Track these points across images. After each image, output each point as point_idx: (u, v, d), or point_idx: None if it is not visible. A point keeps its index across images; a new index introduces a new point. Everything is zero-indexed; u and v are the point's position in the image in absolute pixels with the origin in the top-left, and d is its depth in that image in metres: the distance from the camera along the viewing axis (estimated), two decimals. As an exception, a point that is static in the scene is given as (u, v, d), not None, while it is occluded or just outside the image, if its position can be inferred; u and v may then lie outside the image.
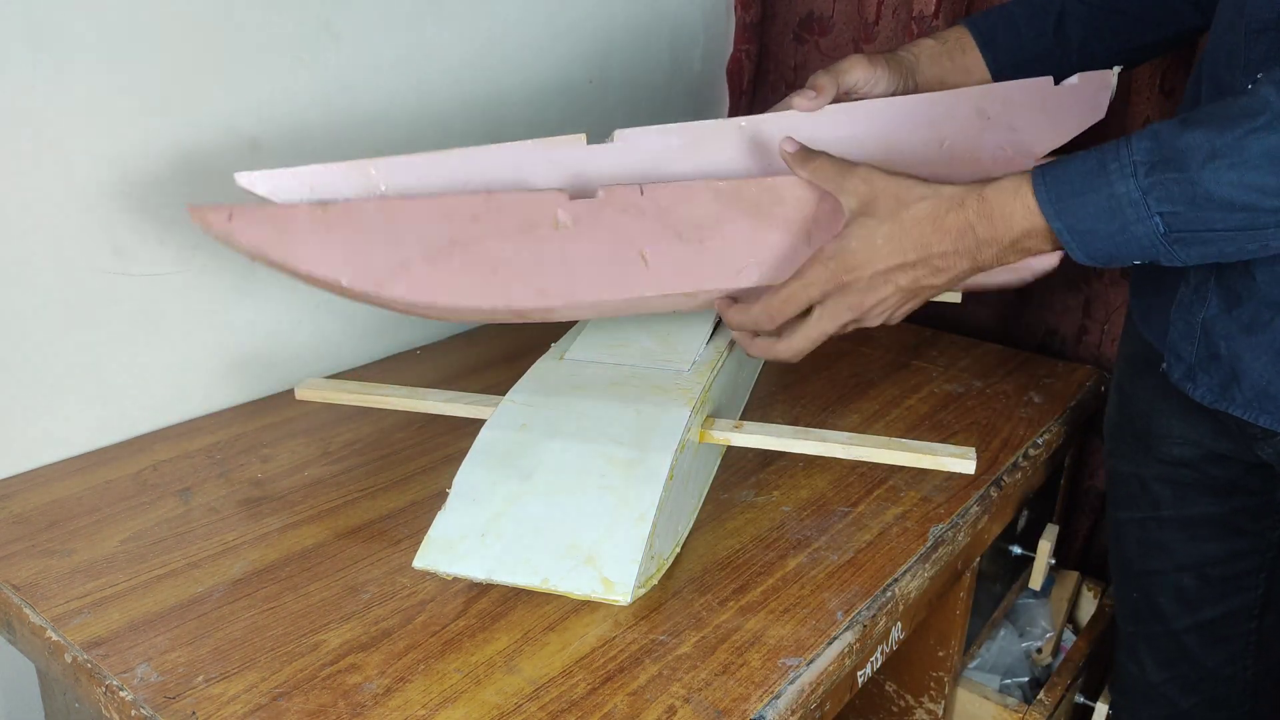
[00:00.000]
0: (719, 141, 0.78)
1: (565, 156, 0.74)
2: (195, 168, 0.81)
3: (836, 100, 0.80)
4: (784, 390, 0.95)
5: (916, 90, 0.84)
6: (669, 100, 1.24)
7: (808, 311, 0.68)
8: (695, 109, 1.29)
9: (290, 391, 0.87)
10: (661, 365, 0.75)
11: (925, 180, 0.66)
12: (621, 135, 0.76)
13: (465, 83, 0.99)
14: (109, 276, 0.78)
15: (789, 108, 0.80)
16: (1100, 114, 0.85)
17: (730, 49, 1.29)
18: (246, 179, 0.70)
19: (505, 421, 0.69)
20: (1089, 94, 0.85)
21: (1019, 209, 0.62)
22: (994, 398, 0.96)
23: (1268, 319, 0.65)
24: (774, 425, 0.73)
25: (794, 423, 0.84)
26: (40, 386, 0.77)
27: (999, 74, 0.86)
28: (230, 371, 0.89)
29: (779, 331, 0.70)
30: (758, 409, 0.91)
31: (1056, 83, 0.83)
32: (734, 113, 1.32)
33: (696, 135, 0.78)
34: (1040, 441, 0.89)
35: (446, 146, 0.97)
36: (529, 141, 0.74)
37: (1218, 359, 0.68)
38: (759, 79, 1.32)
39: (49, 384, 0.77)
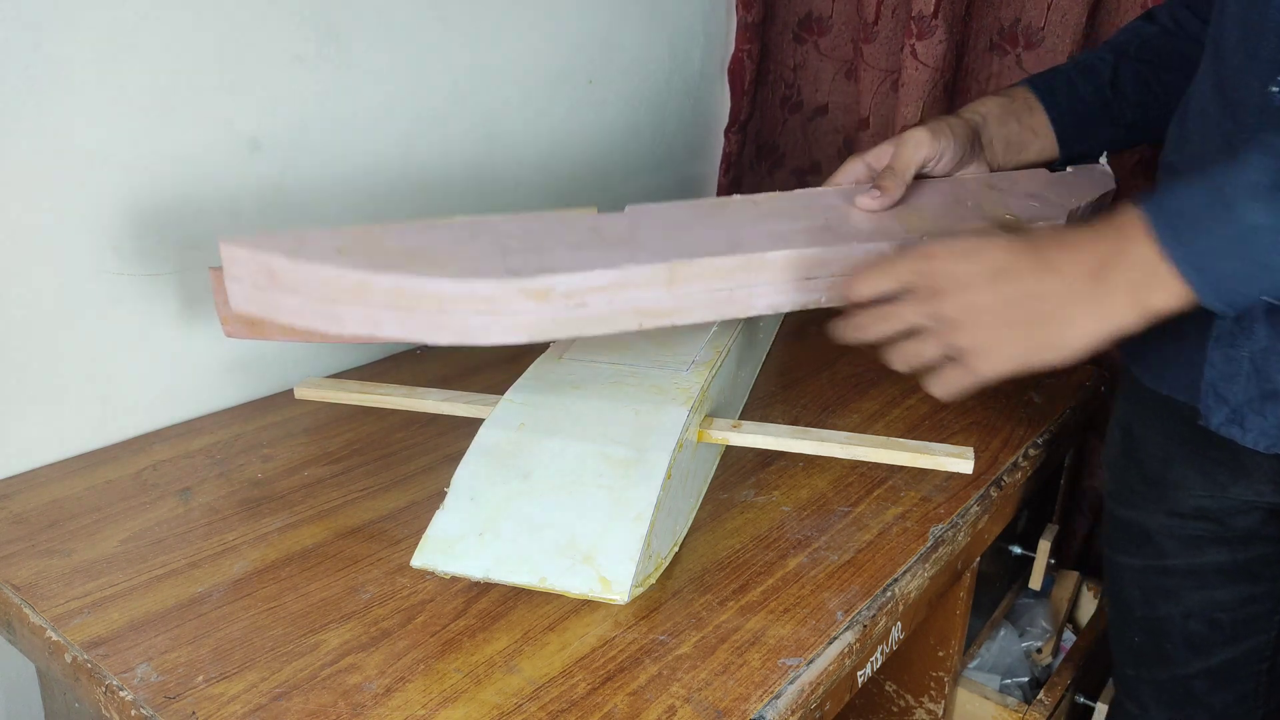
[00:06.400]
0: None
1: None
2: (196, 167, 0.81)
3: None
4: (784, 390, 0.95)
5: (983, 153, 0.81)
6: (669, 100, 1.24)
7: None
8: (695, 109, 1.29)
9: (290, 391, 0.87)
10: (660, 365, 0.75)
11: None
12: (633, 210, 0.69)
13: (464, 83, 0.99)
14: (109, 276, 0.78)
15: (841, 183, 0.78)
16: (1110, 184, 0.88)
17: (731, 49, 1.29)
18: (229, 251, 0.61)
19: (504, 420, 0.69)
20: (1091, 175, 0.87)
21: (1143, 243, 0.52)
22: (994, 398, 0.96)
23: None
24: (773, 425, 0.73)
25: (794, 423, 0.84)
26: (40, 386, 0.77)
27: (1062, 131, 0.82)
28: (230, 371, 0.89)
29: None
30: (758, 409, 0.91)
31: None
32: (735, 113, 1.32)
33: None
34: (1040, 441, 0.89)
35: (445, 148, 0.99)
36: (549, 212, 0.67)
37: (1275, 397, 0.62)
38: (759, 79, 1.32)
39: (49, 384, 0.77)
